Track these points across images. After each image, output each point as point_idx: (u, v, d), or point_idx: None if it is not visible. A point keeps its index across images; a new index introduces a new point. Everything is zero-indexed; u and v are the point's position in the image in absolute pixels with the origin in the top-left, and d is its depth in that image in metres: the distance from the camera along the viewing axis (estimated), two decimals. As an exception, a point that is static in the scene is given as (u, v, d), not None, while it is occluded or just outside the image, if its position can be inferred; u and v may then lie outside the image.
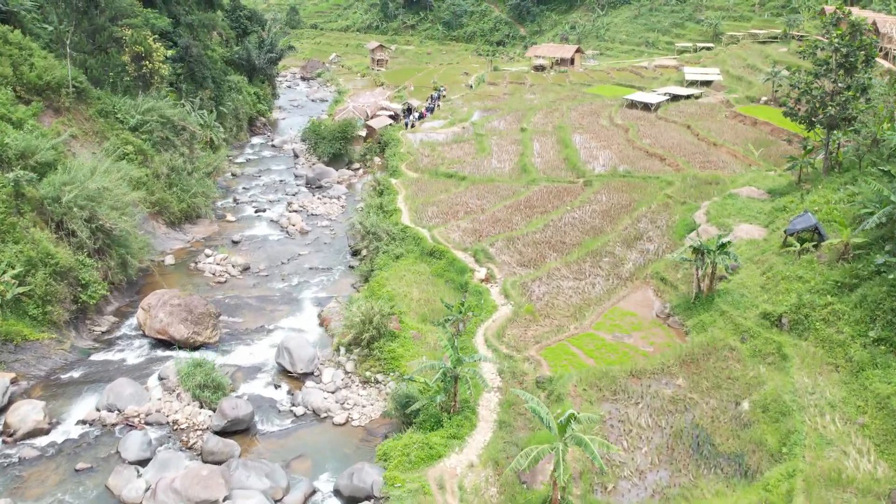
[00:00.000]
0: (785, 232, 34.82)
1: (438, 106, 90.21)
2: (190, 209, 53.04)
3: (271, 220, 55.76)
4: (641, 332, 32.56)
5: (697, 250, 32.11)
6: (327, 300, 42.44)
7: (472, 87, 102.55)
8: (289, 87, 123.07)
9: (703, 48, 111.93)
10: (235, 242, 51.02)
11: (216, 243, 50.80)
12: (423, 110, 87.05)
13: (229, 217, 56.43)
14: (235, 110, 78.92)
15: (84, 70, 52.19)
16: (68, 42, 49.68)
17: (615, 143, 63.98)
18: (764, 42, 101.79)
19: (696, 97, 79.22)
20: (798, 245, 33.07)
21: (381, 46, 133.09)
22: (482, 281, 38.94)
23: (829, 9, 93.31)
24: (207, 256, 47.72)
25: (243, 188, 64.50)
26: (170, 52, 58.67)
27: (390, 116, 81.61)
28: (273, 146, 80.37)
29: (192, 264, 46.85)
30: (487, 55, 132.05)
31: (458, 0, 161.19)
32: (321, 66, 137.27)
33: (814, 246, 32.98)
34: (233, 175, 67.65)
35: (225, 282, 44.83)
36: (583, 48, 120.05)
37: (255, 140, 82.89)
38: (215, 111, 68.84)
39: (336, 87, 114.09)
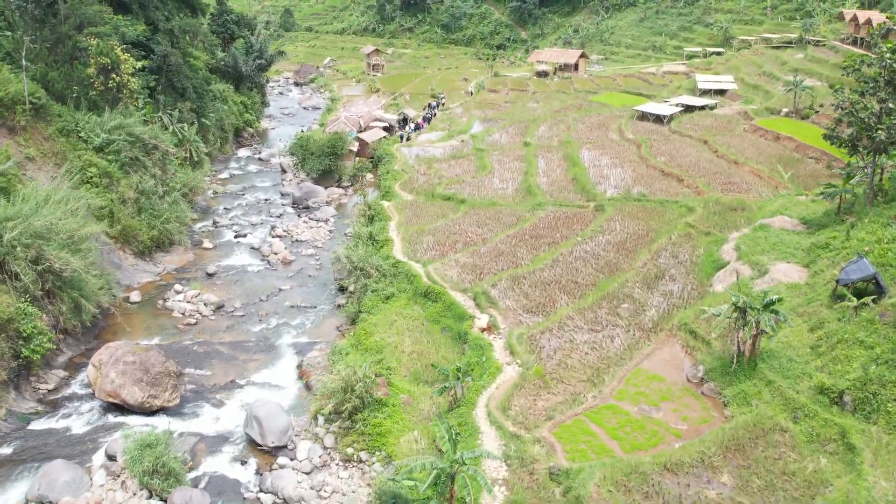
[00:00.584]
0: (837, 282, 29.93)
1: (435, 115, 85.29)
2: (162, 236, 48.10)
3: (252, 248, 50.83)
4: (672, 402, 27.67)
5: (739, 308, 27.20)
6: (309, 347, 37.66)
7: (471, 93, 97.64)
8: (280, 93, 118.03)
9: (713, 53, 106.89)
10: (210, 275, 46.12)
11: (189, 276, 45.95)
12: (420, 120, 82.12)
13: (206, 243, 51.49)
14: (220, 121, 73.92)
15: (45, 84, 47.27)
16: (23, 53, 44.81)
17: (627, 160, 59.05)
18: (778, 47, 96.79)
19: (711, 108, 74.22)
20: (854, 300, 28.20)
21: (377, 51, 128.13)
22: (483, 330, 34.03)
23: (848, 12, 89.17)
24: (177, 293, 42.87)
25: (224, 208, 59.61)
26: (140, 64, 53.53)
27: (384, 128, 76.70)
28: (260, 159, 75.42)
29: (161, 302, 42.01)
30: (487, 59, 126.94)
31: (458, 2, 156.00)
32: (315, 71, 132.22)
33: (872, 300, 28.17)
34: (214, 194, 62.74)
35: (195, 323, 40.04)
36: (587, 53, 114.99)
37: (242, 153, 77.86)
38: (197, 123, 63.95)
39: (330, 94, 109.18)
